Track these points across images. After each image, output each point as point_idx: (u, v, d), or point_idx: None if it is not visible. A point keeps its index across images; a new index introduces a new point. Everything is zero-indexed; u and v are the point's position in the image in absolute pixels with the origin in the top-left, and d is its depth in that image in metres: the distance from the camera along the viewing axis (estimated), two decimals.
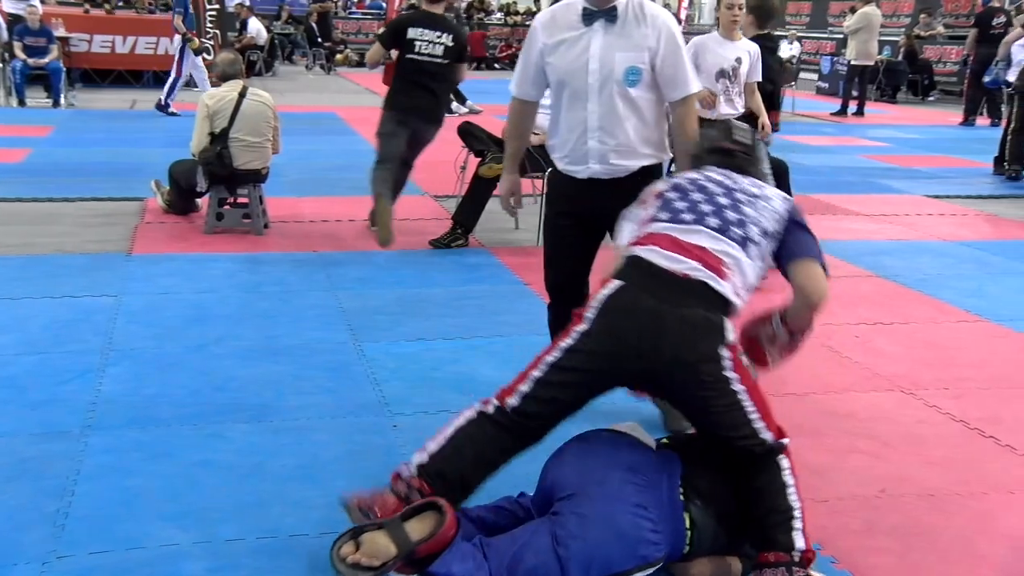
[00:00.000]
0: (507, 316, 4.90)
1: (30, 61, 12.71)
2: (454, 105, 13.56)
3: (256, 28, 18.31)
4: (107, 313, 4.67)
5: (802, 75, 18.88)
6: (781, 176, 6.82)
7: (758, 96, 6.04)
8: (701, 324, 2.47)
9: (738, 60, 5.77)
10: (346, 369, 4.11)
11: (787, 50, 18.66)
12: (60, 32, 13.92)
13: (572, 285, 3.54)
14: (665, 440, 2.79)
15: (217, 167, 6.15)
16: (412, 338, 4.52)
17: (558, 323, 3.48)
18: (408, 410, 3.68)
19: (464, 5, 25.99)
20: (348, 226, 6.69)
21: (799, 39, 19.03)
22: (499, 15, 27.17)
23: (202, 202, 6.66)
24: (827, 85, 18.36)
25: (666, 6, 25.96)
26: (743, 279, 2.59)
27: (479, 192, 6.33)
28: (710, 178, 2.80)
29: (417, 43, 6.07)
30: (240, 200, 6.45)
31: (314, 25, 21.24)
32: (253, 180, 6.30)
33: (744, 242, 2.62)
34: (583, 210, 3.44)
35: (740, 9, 5.81)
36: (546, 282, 3.63)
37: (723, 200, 2.70)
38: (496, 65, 24.21)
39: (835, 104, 15.71)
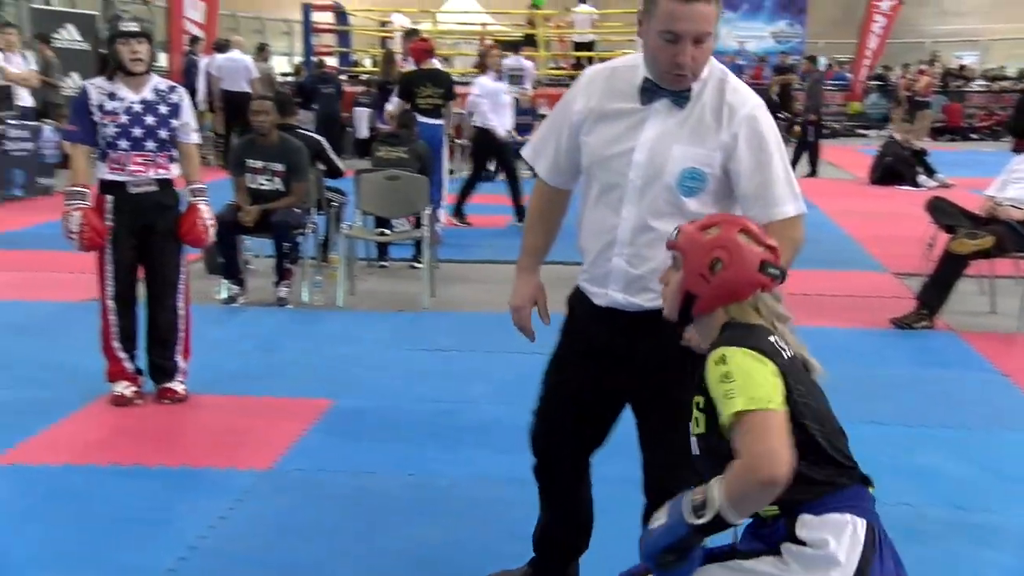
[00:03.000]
0: (975, 407, 4.45)
1: (519, 138, 14.31)
2: (921, 178, 12.76)
3: None
4: None
5: None
6: None
7: None
8: None
9: None
10: None
11: None
12: (543, 111, 15.51)
13: (560, 455, 2.63)
14: None
15: None
16: (865, 420, 4.26)
17: (548, 522, 2.73)
18: None
19: (940, 73, 24.52)
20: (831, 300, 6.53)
21: None
22: (981, 82, 25.20)
23: None
24: None
25: None
26: None
27: (948, 270, 5.91)
28: None
29: None
30: None
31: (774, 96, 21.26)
32: None
33: None
34: (600, 349, 2.47)
35: None
36: (531, 438, 2.71)
37: None
38: (973, 136, 22.45)
39: None
